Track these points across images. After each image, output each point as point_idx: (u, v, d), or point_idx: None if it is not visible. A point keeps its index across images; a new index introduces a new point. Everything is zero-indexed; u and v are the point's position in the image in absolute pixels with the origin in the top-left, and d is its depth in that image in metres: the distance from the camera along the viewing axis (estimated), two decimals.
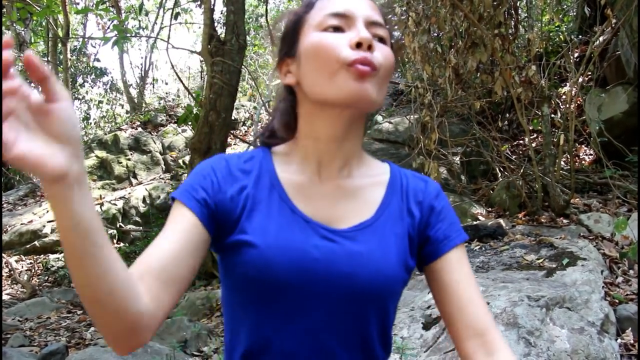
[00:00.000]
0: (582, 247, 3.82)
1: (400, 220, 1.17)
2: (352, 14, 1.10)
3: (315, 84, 1.10)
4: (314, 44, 1.09)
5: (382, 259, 1.11)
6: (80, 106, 14.10)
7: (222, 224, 1.11)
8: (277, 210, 1.11)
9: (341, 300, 1.09)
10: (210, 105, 5.65)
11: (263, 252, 1.06)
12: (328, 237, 1.11)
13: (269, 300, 1.09)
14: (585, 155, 6.54)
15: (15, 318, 5.61)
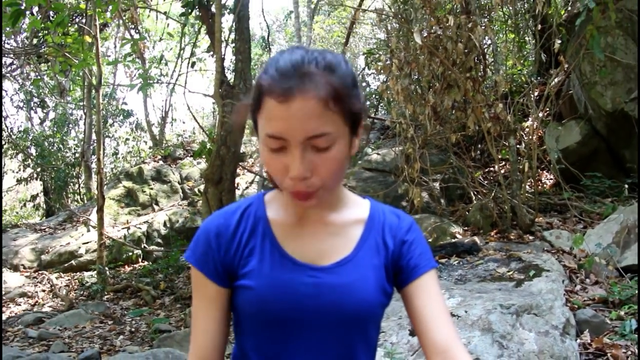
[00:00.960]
0: (545, 260, 3.83)
1: (377, 253, 1.17)
2: (286, 137, 0.99)
3: (274, 179, 1.09)
4: (264, 160, 1.06)
5: (361, 289, 1.12)
6: (110, 143, 14.13)
7: (229, 274, 1.15)
8: (269, 255, 1.13)
9: (329, 326, 1.11)
10: (222, 141, 5.68)
11: (258, 293, 1.11)
12: (314, 275, 1.12)
13: (267, 330, 1.12)
14: (547, 180, 6.58)
15: (56, 327, 5.59)
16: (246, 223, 1.17)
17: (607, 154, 5.90)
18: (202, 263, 1.15)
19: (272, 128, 0.99)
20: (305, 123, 0.98)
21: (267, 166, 1.05)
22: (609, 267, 3.88)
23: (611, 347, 2.90)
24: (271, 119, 0.99)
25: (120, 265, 7.94)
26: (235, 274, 1.15)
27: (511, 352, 2.66)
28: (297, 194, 1.04)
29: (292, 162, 1.00)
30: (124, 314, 6.16)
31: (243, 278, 1.13)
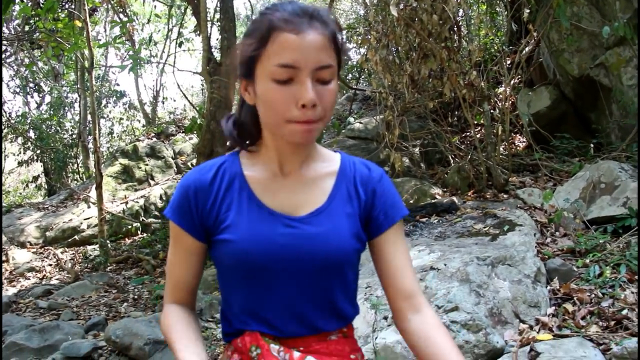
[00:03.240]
0: (518, 216, 3.90)
1: (349, 202, 1.17)
2: (299, 66, 1.01)
3: (267, 124, 1.11)
4: (266, 96, 1.05)
5: (336, 237, 1.13)
6: (105, 123, 14.00)
7: (208, 229, 1.15)
8: (247, 208, 1.14)
9: (307, 274, 1.12)
10: (211, 116, 5.67)
11: (238, 245, 1.11)
12: (290, 224, 1.13)
13: (249, 281, 1.13)
14: (520, 143, 6.64)
15: (64, 298, 5.63)
16: (222, 179, 1.16)
17: (574, 116, 5.96)
18: (180, 217, 1.15)
19: (285, 58, 1.00)
20: (316, 54, 1.01)
21: (270, 101, 1.04)
22: (576, 220, 3.97)
23: (577, 292, 2.99)
24: (285, 49, 1.00)
25: (120, 238, 7.96)
26: (213, 228, 1.15)
27: (487, 299, 2.73)
28: (304, 123, 1.04)
29: (304, 91, 1.01)
30: (127, 283, 6.20)
31: (222, 232, 1.13)
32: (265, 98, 1.05)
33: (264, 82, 1.04)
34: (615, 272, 3.14)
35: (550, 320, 2.78)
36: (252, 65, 1.06)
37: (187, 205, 1.15)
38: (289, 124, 1.04)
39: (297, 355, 1.12)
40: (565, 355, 2.39)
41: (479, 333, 2.47)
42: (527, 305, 2.82)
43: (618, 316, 2.73)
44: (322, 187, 1.18)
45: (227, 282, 1.18)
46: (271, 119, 1.07)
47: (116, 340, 3.67)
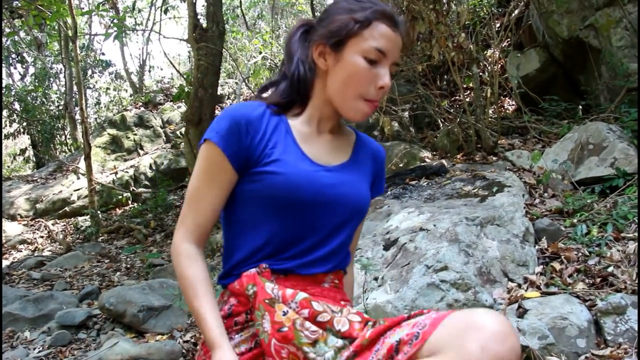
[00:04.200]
0: (507, 178, 3.91)
1: (365, 164, 1.37)
2: (387, 54, 1.20)
3: (338, 93, 1.25)
4: (353, 69, 1.21)
5: (361, 185, 1.32)
6: (92, 94, 13.82)
7: (248, 161, 1.22)
8: (291, 150, 1.25)
9: (340, 214, 1.27)
10: (199, 83, 5.59)
11: (288, 178, 1.20)
12: (329, 170, 1.28)
13: (287, 213, 1.22)
14: (509, 106, 6.64)
15: (57, 269, 5.64)
16: (269, 119, 1.26)
17: (563, 79, 5.94)
18: (227, 144, 1.20)
19: (381, 44, 1.19)
20: (397, 51, 1.23)
21: (355, 73, 1.20)
22: (565, 181, 4.00)
23: (565, 251, 3.03)
24: (382, 37, 1.19)
25: (111, 209, 7.94)
26: (257, 161, 1.22)
27: (476, 259, 2.76)
28: (371, 102, 1.23)
29: (385, 75, 1.21)
30: (119, 252, 6.22)
31: (269, 165, 1.21)
32: (352, 70, 1.21)
33: (354, 56, 1.21)
34: (602, 231, 3.18)
35: (538, 278, 2.82)
36: (347, 38, 1.22)
37: (236, 135, 1.21)
38: (360, 101, 1.23)
39: (289, 292, 1.18)
40: (552, 311, 2.43)
41: (468, 292, 2.51)
42: (516, 264, 2.86)
43: (604, 273, 2.77)
44: (345, 148, 1.36)
45: (256, 216, 1.24)
46: (348, 89, 1.22)
47: (110, 308, 3.69)
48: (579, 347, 2.32)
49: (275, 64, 10.87)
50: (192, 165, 5.82)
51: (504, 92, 6.35)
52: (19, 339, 3.69)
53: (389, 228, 3.28)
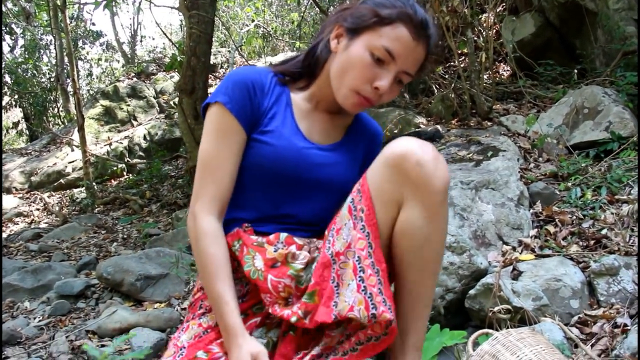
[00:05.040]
0: (502, 142, 3.90)
1: (357, 146, 1.38)
2: (397, 59, 1.15)
3: (334, 78, 1.24)
4: (355, 60, 1.18)
5: (350, 169, 1.33)
6: (84, 65, 13.64)
7: (252, 125, 1.23)
8: (288, 124, 1.26)
9: (323, 191, 1.28)
10: (191, 52, 5.50)
11: (277, 151, 1.22)
12: (320, 149, 1.28)
13: (271, 184, 1.23)
14: (504, 71, 6.58)
15: (54, 240, 5.65)
16: (274, 88, 1.27)
17: (559, 43, 5.88)
18: (239, 107, 1.20)
19: (394, 46, 1.15)
20: (412, 61, 1.18)
21: (355, 65, 1.17)
22: (559, 145, 3.99)
23: (559, 214, 3.04)
24: (397, 40, 1.14)
25: (106, 180, 7.92)
26: (257, 127, 1.23)
27: (471, 222, 2.78)
28: (364, 99, 1.20)
29: (385, 78, 1.17)
30: (115, 223, 6.22)
31: (264, 134, 1.23)
32: (354, 61, 1.18)
33: (361, 48, 1.17)
34: (596, 194, 3.19)
35: (532, 241, 2.83)
36: (363, 29, 1.19)
37: (247, 98, 1.22)
38: (353, 93, 1.20)
39: (272, 236, 1.23)
40: (547, 273, 2.45)
41: (463, 255, 2.52)
42: (510, 228, 2.87)
43: (597, 236, 2.79)
44: (340, 129, 1.36)
45: (242, 182, 1.25)
46: (343, 78, 1.20)
47: (108, 277, 3.71)
48: (572, 308, 2.34)
49: (268, 32, 10.72)
50: (187, 135, 5.79)
51: (499, 57, 6.29)
52: (19, 309, 3.71)
53: None
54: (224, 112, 1.19)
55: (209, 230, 1.19)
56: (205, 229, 1.20)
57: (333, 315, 1.08)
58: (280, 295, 1.17)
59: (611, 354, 2.03)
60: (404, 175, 1.08)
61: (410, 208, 1.10)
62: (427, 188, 1.07)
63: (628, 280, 2.43)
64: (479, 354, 1.50)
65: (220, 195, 1.21)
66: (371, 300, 1.05)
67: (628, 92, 4.10)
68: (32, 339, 3.22)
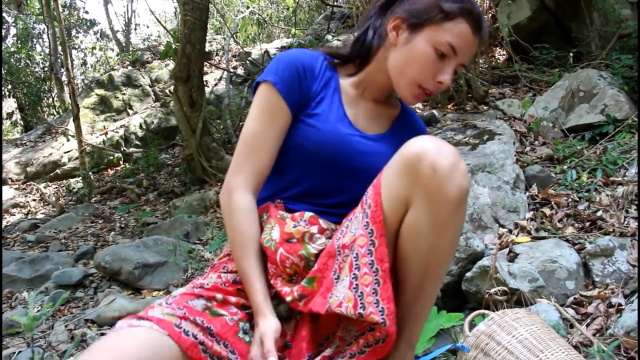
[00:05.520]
0: (498, 126, 3.90)
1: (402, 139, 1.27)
2: (458, 53, 1.18)
3: (397, 71, 1.23)
4: (420, 55, 1.19)
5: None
6: (78, 54, 13.55)
7: (299, 107, 1.24)
8: (335, 109, 1.26)
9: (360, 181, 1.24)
10: (186, 39, 5.47)
11: (322, 134, 1.22)
12: (365, 137, 1.28)
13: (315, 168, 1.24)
14: (499, 55, 6.56)
15: (51, 231, 5.64)
16: (323, 72, 1.28)
17: (555, 27, 5.86)
18: (287, 88, 1.21)
19: (456, 43, 1.17)
20: (470, 54, 1.21)
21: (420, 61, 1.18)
22: (555, 129, 4.00)
23: (555, 197, 3.05)
24: (460, 36, 1.16)
25: (103, 169, 7.90)
26: (304, 110, 1.24)
27: (467, 205, 2.77)
28: (425, 92, 1.22)
29: (448, 72, 1.19)
30: (113, 212, 6.21)
31: (311, 117, 1.23)
32: (418, 56, 1.19)
33: (425, 44, 1.18)
34: (592, 176, 3.20)
35: (528, 223, 2.85)
36: (426, 24, 1.19)
37: (297, 80, 1.22)
38: (416, 87, 1.21)
39: (297, 213, 1.25)
40: (542, 255, 2.47)
41: (460, 238, 2.53)
42: (506, 211, 2.88)
43: (593, 217, 2.80)
44: (387, 120, 1.36)
45: (283, 162, 1.26)
46: (406, 71, 1.20)
47: (106, 266, 3.72)
48: (568, 289, 2.36)
49: (263, 18, 10.65)
50: (183, 123, 5.77)
51: (495, 42, 6.27)
52: (17, 299, 3.72)
53: None
54: (273, 92, 1.20)
55: (244, 207, 1.21)
56: (241, 205, 1.21)
57: (326, 307, 1.07)
58: (286, 271, 1.18)
59: (606, 333, 2.05)
60: (416, 177, 1.03)
61: (418, 211, 1.05)
62: (438, 196, 1.01)
63: (623, 261, 2.45)
64: (475, 335, 1.51)
65: (259, 173, 1.22)
66: (361, 300, 1.02)
67: (623, 75, 4.10)
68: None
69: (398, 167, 1.07)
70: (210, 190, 5.46)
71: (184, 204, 5.31)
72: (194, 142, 5.69)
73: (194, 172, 5.92)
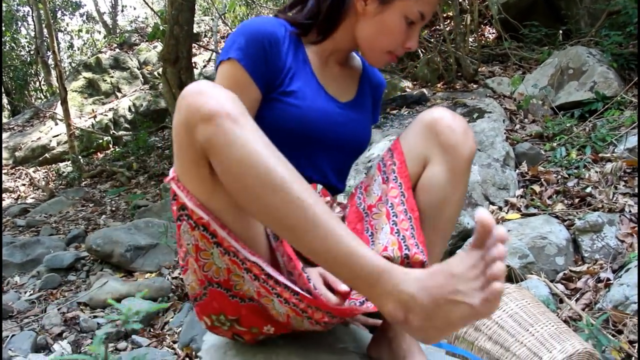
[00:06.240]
0: (488, 104, 3.90)
1: (367, 99, 1.35)
2: (426, 18, 1.18)
3: (368, 42, 1.20)
4: (391, 27, 1.17)
5: (366, 125, 1.32)
6: (64, 37, 13.33)
7: (269, 84, 1.15)
8: (310, 81, 1.20)
9: (343, 150, 1.26)
10: (174, 20, 5.38)
11: (303, 112, 1.16)
12: (341, 107, 1.24)
13: (295, 145, 1.16)
14: (489, 34, 6.53)
15: (42, 215, 5.61)
16: (290, 42, 1.19)
17: (544, 5, 5.82)
18: (254, 64, 1.11)
19: (426, 10, 1.16)
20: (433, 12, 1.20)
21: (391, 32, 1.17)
22: (545, 106, 4.00)
23: (544, 174, 3.06)
24: (429, 3, 1.16)
25: (92, 153, 7.83)
26: (276, 87, 1.15)
27: None
28: (394, 58, 1.23)
29: (414, 37, 1.19)
30: (103, 196, 6.18)
31: (288, 96, 1.16)
32: (390, 28, 1.17)
33: (396, 15, 1.16)
34: (581, 153, 3.21)
35: (518, 200, 2.86)
36: None
37: (262, 53, 1.12)
38: (386, 54, 1.20)
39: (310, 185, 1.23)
40: (532, 231, 2.48)
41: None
42: (497, 188, 2.89)
43: (582, 194, 2.82)
44: (352, 82, 1.32)
45: None
46: (377, 42, 1.19)
47: (97, 249, 3.70)
48: (557, 265, 2.38)
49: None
50: (172, 106, 5.71)
51: (484, 20, 6.23)
52: (9, 283, 3.71)
53: (370, 156, 3.28)
54: (238, 69, 1.10)
55: None
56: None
57: None
58: None
59: (594, 308, 2.08)
60: (435, 135, 1.12)
61: (436, 166, 1.13)
62: (455, 151, 1.11)
63: (611, 236, 2.47)
64: None
65: None
66: (404, 242, 1.08)
67: (612, 52, 4.09)
68: (24, 312, 3.23)
69: (419, 129, 1.16)
70: None
71: None
72: None
73: None
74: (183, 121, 0.84)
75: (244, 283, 0.96)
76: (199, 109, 0.82)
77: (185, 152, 0.87)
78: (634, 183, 2.82)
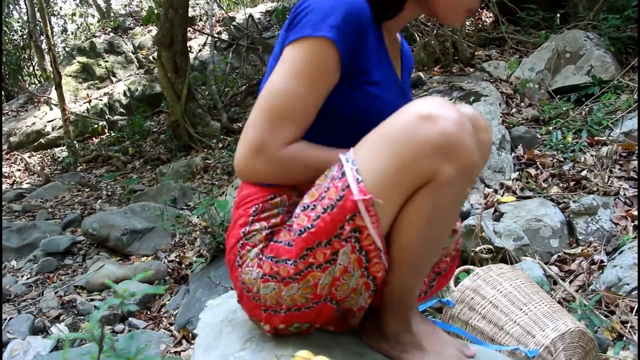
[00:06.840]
0: (484, 88, 3.90)
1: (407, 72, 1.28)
2: None
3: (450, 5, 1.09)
4: None
5: None
6: (57, 21, 13.22)
7: (352, 69, 1.01)
8: (386, 68, 1.10)
9: None
10: (168, 3, 5.35)
11: (385, 105, 1.04)
12: (401, 90, 1.18)
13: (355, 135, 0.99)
14: (486, 18, 6.50)
15: (38, 200, 5.60)
16: (373, 25, 1.05)
17: None
18: (347, 46, 0.96)
19: None
20: None
21: None
22: (541, 90, 4.00)
23: (540, 157, 3.08)
24: None
25: (87, 138, 7.80)
26: (357, 74, 1.02)
27: None
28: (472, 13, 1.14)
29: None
30: (99, 180, 6.17)
31: (372, 85, 1.04)
32: None
33: None
34: (577, 137, 3.22)
35: (513, 183, 2.87)
36: None
37: (357, 36, 0.98)
38: (460, 15, 1.10)
39: None
40: (527, 214, 2.50)
41: None
42: (492, 171, 2.90)
43: (577, 177, 2.83)
44: (399, 58, 1.23)
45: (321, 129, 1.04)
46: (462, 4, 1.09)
47: (93, 233, 3.71)
48: (552, 247, 2.40)
49: None
50: (167, 90, 5.70)
51: (482, 4, 6.20)
52: (6, 267, 3.71)
53: None
54: (331, 52, 0.94)
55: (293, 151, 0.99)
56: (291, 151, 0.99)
57: None
58: None
59: (588, 289, 2.10)
60: None
61: None
62: None
63: (606, 219, 2.49)
64: (460, 290, 1.53)
65: (298, 138, 1.00)
66: None
67: (610, 36, 4.08)
68: (21, 296, 3.24)
69: None
70: (197, 156, 5.43)
71: (171, 170, 5.28)
72: (179, 108, 5.62)
73: (180, 138, 5.88)
74: (439, 147, 0.86)
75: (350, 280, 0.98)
76: (469, 154, 0.89)
77: (407, 174, 0.89)
78: (629, 166, 2.83)
